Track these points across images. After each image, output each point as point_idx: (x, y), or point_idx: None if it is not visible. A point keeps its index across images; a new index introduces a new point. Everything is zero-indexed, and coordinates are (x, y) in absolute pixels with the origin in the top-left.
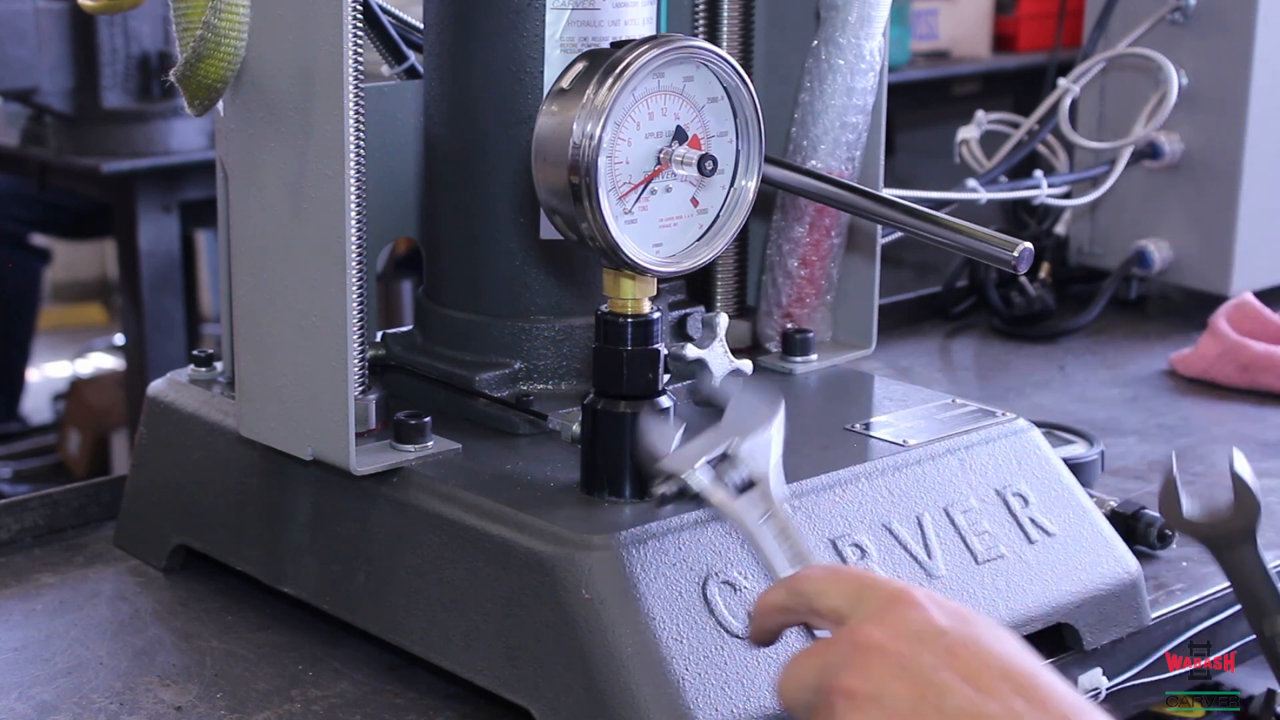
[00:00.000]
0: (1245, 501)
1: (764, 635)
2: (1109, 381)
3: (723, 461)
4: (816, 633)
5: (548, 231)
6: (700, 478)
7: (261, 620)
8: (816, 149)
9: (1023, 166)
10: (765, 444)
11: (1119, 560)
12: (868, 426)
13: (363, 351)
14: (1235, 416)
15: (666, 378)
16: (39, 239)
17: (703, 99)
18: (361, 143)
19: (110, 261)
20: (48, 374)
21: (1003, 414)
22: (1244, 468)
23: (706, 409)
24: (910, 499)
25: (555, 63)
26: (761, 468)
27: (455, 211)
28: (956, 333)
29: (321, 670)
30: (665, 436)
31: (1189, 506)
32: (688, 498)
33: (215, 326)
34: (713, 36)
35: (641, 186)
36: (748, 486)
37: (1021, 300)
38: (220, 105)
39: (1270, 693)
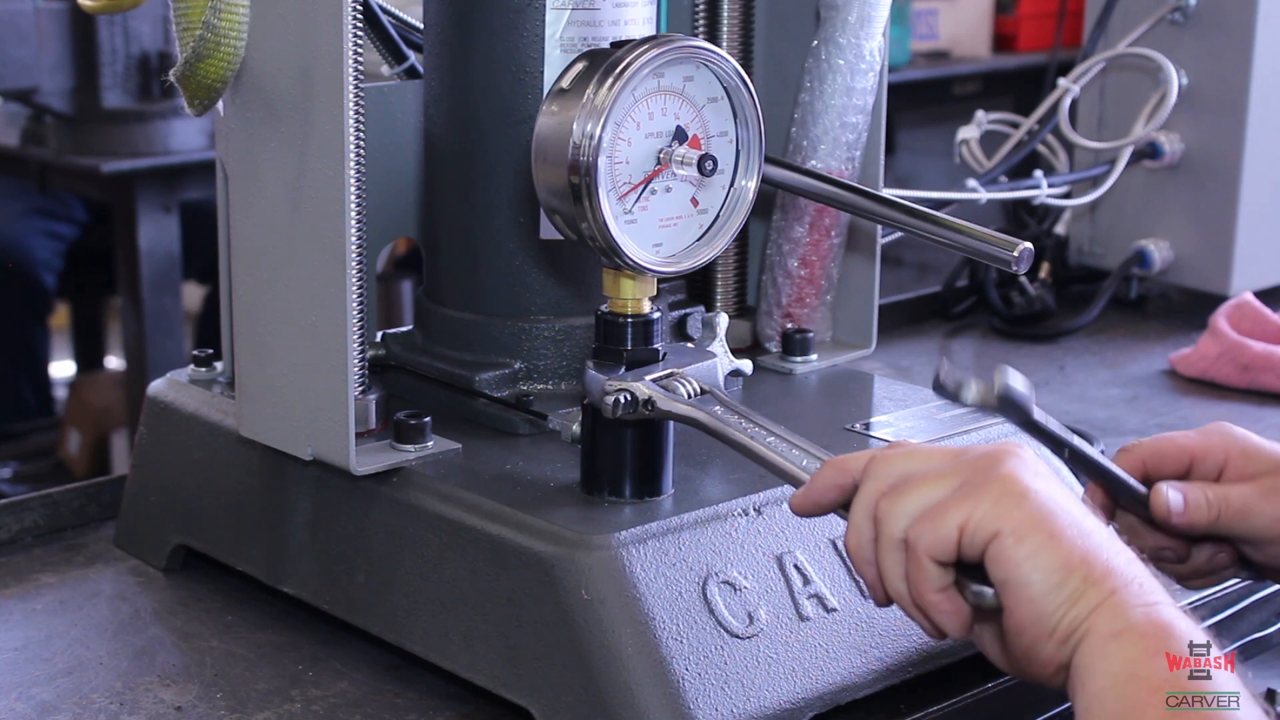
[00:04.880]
0: None
1: (813, 508)
2: (1109, 381)
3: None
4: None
5: (548, 231)
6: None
7: (261, 620)
8: (816, 149)
9: (1023, 166)
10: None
11: None
12: (868, 426)
13: (363, 351)
14: (1235, 416)
15: None
16: None
17: (703, 99)
18: (361, 143)
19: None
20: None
21: None
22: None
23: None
24: None
25: (555, 63)
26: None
27: (455, 211)
28: (956, 333)
29: (321, 670)
30: None
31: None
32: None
33: None
34: (713, 36)
35: (641, 186)
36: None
37: (1021, 300)
38: (220, 105)
39: (1270, 692)
